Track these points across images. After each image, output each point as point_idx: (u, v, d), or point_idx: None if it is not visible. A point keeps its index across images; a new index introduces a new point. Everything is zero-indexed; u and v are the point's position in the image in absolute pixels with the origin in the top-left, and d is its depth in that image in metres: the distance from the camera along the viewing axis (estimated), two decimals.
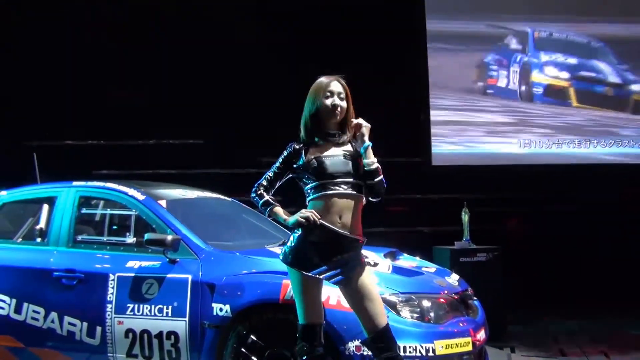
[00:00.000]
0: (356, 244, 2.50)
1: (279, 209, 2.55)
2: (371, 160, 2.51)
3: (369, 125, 2.54)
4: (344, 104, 2.55)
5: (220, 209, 3.99)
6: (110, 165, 6.14)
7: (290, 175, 2.59)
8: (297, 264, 2.48)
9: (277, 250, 3.01)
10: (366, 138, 2.52)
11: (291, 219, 2.48)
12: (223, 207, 4.01)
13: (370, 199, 2.56)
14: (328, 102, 2.52)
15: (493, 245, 5.15)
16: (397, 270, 3.11)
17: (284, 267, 2.61)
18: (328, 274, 2.45)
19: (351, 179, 2.49)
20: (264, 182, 2.59)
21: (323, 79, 2.57)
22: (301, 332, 2.52)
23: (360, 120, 2.55)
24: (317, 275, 2.46)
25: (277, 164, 2.59)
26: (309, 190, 2.52)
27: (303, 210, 2.48)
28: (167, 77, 6.33)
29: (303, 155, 2.52)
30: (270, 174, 2.60)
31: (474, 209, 5.38)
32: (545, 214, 6.73)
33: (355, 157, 2.53)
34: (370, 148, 2.52)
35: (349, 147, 2.57)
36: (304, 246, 2.47)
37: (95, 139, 6.43)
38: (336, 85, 2.55)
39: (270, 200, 2.56)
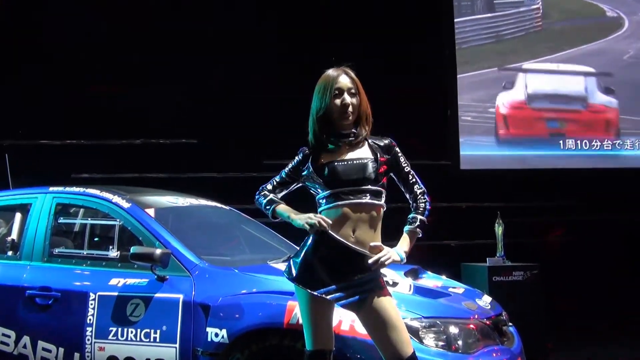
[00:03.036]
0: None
1: (283, 206, 2.56)
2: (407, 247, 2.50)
3: (390, 258, 2.45)
4: (355, 100, 2.52)
5: (216, 219, 4.00)
6: (92, 168, 6.17)
7: (300, 184, 2.59)
8: (302, 281, 2.47)
9: (282, 266, 3.00)
10: (399, 256, 2.47)
11: (297, 220, 2.47)
12: (220, 217, 4.02)
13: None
14: (337, 101, 2.51)
15: (531, 262, 5.11)
16: (420, 290, 3.10)
17: (289, 287, 2.61)
18: (336, 295, 2.44)
19: (369, 186, 2.49)
20: (269, 187, 2.61)
21: (330, 73, 2.55)
22: None
23: (378, 257, 2.43)
24: (324, 296, 2.45)
25: (286, 170, 2.59)
26: (320, 200, 2.52)
27: (312, 215, 2.47)
28: (155, 69, 6.35)
29: (313, 162, 2.52)
30: (276, 179, 2.61)
31: (509, 220, 5.33)
32: (592, 225, 6.66)
33: (375, 159, 2.52)
34: (405, 252, 2.49)
35: (366, 147, 2.56)
36: (312, 261, 2.46)
37: (74, 138, 6.47)
38: (344, 80, 2.53)
39: (275, 198, 2.57)
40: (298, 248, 2.57)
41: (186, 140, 6.48)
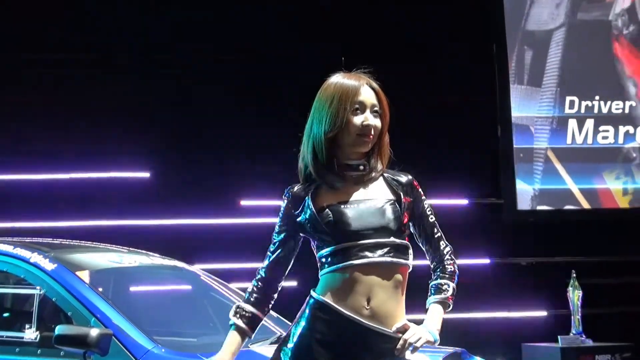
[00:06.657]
0: (394, 344, 2.50)
1: (234, 335, 2.53)
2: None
3: (422, 338, 2.45)
4: (379, 122, 2.53)
5: (176, 285, 4.03)
6: (1, 215, 6.21)
7: (302, 236, 2.58)
8: None
9: (268, 351, 3.00)
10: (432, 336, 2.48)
11: None
12: (181, 282, 4.05)
13: None
14: (357, 120, 2.49)
15: (623, 342, 5.10)
16: None
17: None
18: None
19: (389, 238, 2.49)
20: (262, 270, 2.58)
21: (347, 81, 2.53)
22: None
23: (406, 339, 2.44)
24: None
25: (277, 229, 2.60)
26: (323, 259, 2.52)
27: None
28: (92, 73, 6.43)
29: (310, 203, 2.52)
30: (271, 248, 2.60)
31: (589, 281, 5.32)
32: None
33: (397, 200, 2.54)
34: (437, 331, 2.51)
35: (381, 183, 2.58)
36: (309, 345, 2.47)
37: None
38: (368, 94, 2.52)
39: (249, 309, 2.54)
40: (290, 325, 2.58)
41: (134, 175, 6.51)
